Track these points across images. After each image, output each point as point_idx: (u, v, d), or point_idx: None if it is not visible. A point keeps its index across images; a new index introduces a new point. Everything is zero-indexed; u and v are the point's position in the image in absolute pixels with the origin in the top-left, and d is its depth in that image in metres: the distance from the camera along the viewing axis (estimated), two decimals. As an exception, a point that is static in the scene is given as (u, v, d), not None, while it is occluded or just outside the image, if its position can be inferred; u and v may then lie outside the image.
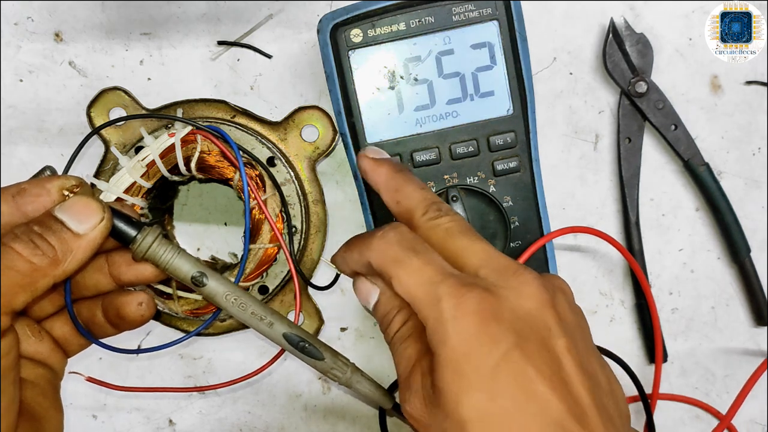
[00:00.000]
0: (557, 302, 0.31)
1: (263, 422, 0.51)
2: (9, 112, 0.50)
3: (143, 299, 0.35)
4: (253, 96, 0.49)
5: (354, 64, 0.44)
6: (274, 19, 0.49)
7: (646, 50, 0.48)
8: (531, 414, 0.28)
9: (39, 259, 0.29)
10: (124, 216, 0.33)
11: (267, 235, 0.45)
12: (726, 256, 0.50)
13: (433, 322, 0.30)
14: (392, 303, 0.33)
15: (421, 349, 0.32)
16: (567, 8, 0.49)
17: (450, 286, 0.30)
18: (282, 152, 0.47)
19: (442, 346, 0.29)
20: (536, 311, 0.30)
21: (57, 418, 0.33)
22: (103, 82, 0.49)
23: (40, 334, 0.34)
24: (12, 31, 0.49)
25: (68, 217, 0.31)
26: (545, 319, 0.30)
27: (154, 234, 0.33)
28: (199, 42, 0.49)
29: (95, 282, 0.35)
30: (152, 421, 0.51)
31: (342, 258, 0.36)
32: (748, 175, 0.50)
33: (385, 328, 0.34)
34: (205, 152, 0.45)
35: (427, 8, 0.44)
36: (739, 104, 0.50)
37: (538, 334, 0.30)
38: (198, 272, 0.34)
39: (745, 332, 0.50)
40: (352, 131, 0.45)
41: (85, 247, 0.31)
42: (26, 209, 0.31)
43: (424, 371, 0.31)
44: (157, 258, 0.33)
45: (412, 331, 0.33)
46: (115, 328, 0.36)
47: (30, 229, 0.30)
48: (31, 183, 0.32)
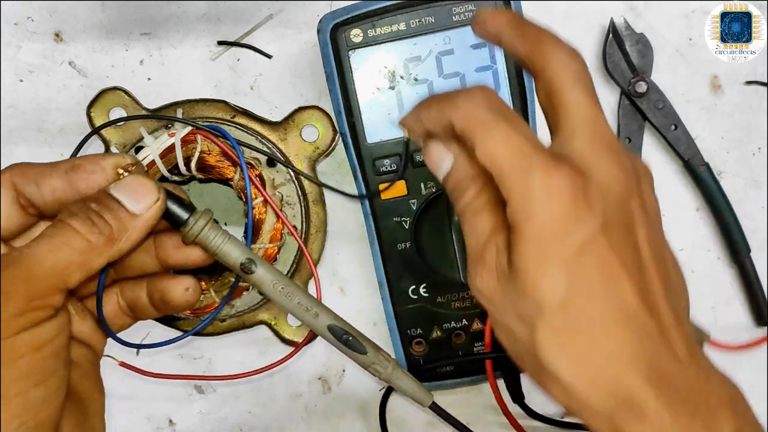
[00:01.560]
0: (643, 189, 0.30)
1: (263, 422, 0.51)
2: (9, 112, 0.50)
3: (190, 284, 0.35)
4: (253, 96, 0.49)
5: (354, 63, 0.44)
6: (274, 19, 0.49)
7: (646, 50, 0.48)
8: (608, 302, 0.28)
9: (96, 237, 0.29)
10: (177, 198, 0.32)
11: (267, 235, 0.45)
12: (726, 256, 0.50)
13: (519, 194, 0.28)
14: (467, 171, 0.32)
15: (496, 223, 0.30)
16: (567, 8, 0.49)
17: (542, 158, 0.28)
18: (282, 152, 0.47)
19: (526, 222, 0.28)
20: (624, 196, 0.29)
21: (99, 400, 0.33)
22: (103, 82, 0.49)
23: (83, 314, 0.33)
24: (12, 31, 0.49)
25: (125, 196, 0.30)
26: (631, 206, 0.29)
27: (207, 218, 0.33)
28: (199, 42, 0.49)
29: (141, 263, 0.35)
30: (152, 421, 0.51)
31: (416, 116, 0.33)
32: (748, 175, 0.50)
33: (456, 198, 0.32)
34: (205, 152, 0.45)
35: (427, 8, 0.44)
36: (739, 104, 0.50)
37: (622, 221, 0.29)
38: (247, 259, 0.33)
39: (745, 332, 0.50)
40: (352, 131, 0.45)
41: (141, 227, 0.30)
42: (79, 185, 0.31)
43: (500, 246, 0.30)
44: (207, 242, 0.33)
45: (487, 202, 0.31)
46: (158, 311, 0.35)
47: (87, 207, 0.29)
48: (85, 159, 0.31)
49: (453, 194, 0.33)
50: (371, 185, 0.46)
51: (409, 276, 0.47)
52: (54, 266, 0.28)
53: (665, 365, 0.28)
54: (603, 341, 0.28)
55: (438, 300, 0.47)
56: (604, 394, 0.28)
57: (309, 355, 0.51)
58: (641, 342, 0.28)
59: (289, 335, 0.49)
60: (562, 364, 0.28)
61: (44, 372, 0.28)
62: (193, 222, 0.32)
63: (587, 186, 0.28)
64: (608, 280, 0.28)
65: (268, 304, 0.49)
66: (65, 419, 0.29)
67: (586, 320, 0.28)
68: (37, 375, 0.27)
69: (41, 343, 0.28)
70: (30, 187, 0.30)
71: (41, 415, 0.28)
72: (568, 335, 0.28)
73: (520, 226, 0.28)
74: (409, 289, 0.47)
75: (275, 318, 0.49)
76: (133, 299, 0.35)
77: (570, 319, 0.28)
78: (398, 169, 0.45)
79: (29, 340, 0.27)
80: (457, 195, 0.33)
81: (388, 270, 0.47)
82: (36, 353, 0.27)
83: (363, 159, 0.45)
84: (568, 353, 0.28)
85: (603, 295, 0.28)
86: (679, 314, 0.30)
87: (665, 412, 0.27)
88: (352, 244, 0.50)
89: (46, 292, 0.28)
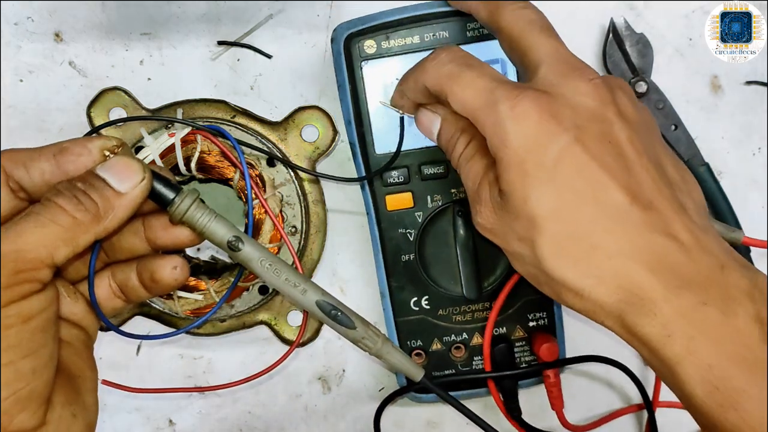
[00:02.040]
0: (617, 98, 0.32)
1: (263, 422, 0.51)
2: (9, 112, 0.50)
3: (178, 263, 0.35)
4: (253, 96, 0.49)
5: (366, 74, 0.44)
6: (274, 19, 0.49)
7: (646, 50, 0.48)
8: (597, 204, 0.29)
9: (81, 214, 0.30)
10: (163, 178, 0.33)
11: (267, 235, 0.45)
12: (726, 256, 0.50)
13: (491, 127, 0.31)
14: (454, 126, 0.35)
15: (486, 164, 0.33)
16: (567, 8, 0.49)
17: (505, 90, 0.31)
18: (282, 152, 0.47)
19: (503, 149, 0.30)
20: (595, 107, 0.31)
21: (92, 378, 0.34)
22: (103, 82, 0.49)
23: (75, 296, 0.34)
24: (12, 31, 0.49)
25: (110, 176, 0.31)
26: (605, 114, 0.31)
27: (192, 197, 0.33)
28: (199, 42, 0.49)
29: (130, 245, 0.35)
30: (152, 421, 0.51)
31: (400, 92, 0.37)
32: (748, 175, 0.50)
33: (450, 152, 0.36)
34: (205, 152, 0.45)
35: (442, 23, 0.44)
36: (739, 104, 0.50)
37: (598, 128, 0.30)
38: (234, 236, 0.34)
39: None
40: (361, 141, 0.45)
41: (126, 206, 0.31)
42: (67, 168, 0.31)
43: (491, 182, 0.32)
44: (194, 221, 0.33)
45: (476, 149, 0.34)
46: (149, 291, 0.36)
47: (73, 185, 0.30)
48: (72, 142, 0.32)
49: (447, 150, 0.36)
50: (378, 196, 0.46)
51: (412, 288, 0.47)
52: (40, 241, 0.29)
53: (669, 256, 0.29)
54: (600, 241, 0.29)
55: (439, 313, 0.47)
56: (611, 290, 0.29)
57: (309, 355, 0.51)
58: (639, 236, 0.29)
59: (289, 335, 0.49)
60: (567, 269, 0.30)
61: (33, 344, 0.29)
62: (179, 201, 0.33)
63: (553, 102, 0.30)
64: (592, 184, 0.29)
65: (268, 304, 0.49)
66: (57, 393, 0.30)
67: (580, 224, 0.29)
68: (26, 346, 0.28)
69: (29, 315, 0.29)
70: (19, 171, 0.31)
71: (31, 385, 0.28)
72: (565, 242, 0.29)
73: (499, 154, 0.31)
74: (410, 300, 0.47)
75: (275, 318, 0.49)
76: (124, 280, 0.36)
77: (564, 227, 0.29)
78: (406, 180, 0.45)
79: (17, 311, 0.28)
80: (450, 149, 0.36)
81: (391, 281, 0.47)
82: (24, 325, 0.28)
83: (371, 169, 0.46)
84: (569, 258, 0.29)
85: (591, 198, 0.29)
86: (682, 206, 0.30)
87: (674, 299, 0.28)
88: (352, 244, 0.50)
89: (33, 265, 0.29)
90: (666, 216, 0.29)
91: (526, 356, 0.47)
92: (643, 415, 0.50)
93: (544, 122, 0.30)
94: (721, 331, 0.28)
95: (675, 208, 0.30)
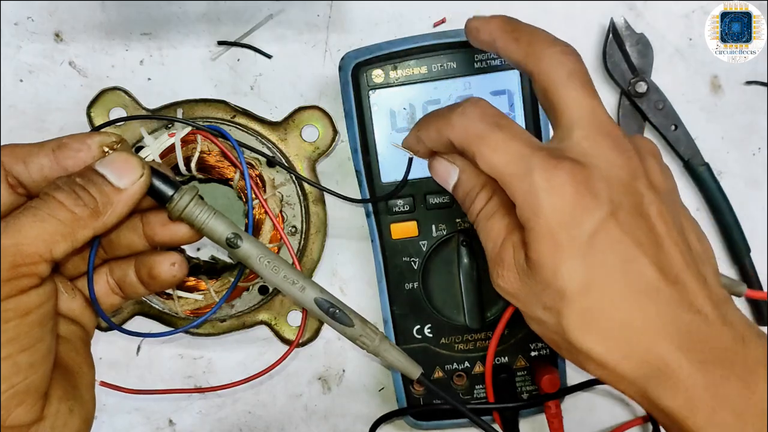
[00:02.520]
0: (648, 168, 0.31)
1: (263, 422, 0.51)
2: (9, 112, 0.50)
3: (176, 259, 0.35)
4: (253, 96, 0.49)
5: (374, 103, 0.45)
6: (274, 19, 0.49)
7: (646, 50, 0.48)
8: (627, 280, 0.29)
9: (80, 209, 0.30)
10: (162, 175, 0.33)
11: (267, 235, 0.45)
12: (726, 256, 0.50)
13: (524, 195, 0.30)
14: (474, 181, 0.33)
15: (509, 224, 0.32)
16: (567, 8, 0.49)
17: (541, 158, 0.30)
18: (282, 152, 0.47)
19: (535, 218, 0.29)
20: (628, 179, 0.30)
21: (89, 374, 0.34)
22: (103, 82, 0.49)
23: (73, 292, 0.34)
24: (12, 31, 0.49)
25: (109, 172, 0.31)
26: (637, 187, 0.30)
27: (191, 194, 0.33)
28: (199, 42, 0.49)
29: (129, 242, 0.35)
30: (152, 421, 0.51)
31: (416, 137, 0.35)
32: (748, 175, 0.50)
33: (468, 207, 0.34)
34: (205, 152, 0.45)
35: (450, 53, 0.44)
36: (739, 104, 0.50)
37: (631, 202, 0.30)
38: (232, 234, 0.34)
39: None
40: (367, 170, 0.45)
41: (125, 202, 0.31)
42: (66, 164, 0.31)
43: (516, 245, 0.31)
44: (192, 218, 0.33)
45: (498, 207, 0.33)
46: (147, 288, 0.36)
47: (72, 181, 0.30)
48: (72, 138, 0.32)
49: (464, 204, 0.34)
50: (383, 224, 0.46)
51: (415, 316, 0.47)
52: (39, 235, 0.29)
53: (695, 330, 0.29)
54: (629, 316, 0.29)
55: (442, 341, 0.47)
56: (637, 365, 0.29)
57: (309, 356, 0.51)
58: (667, 312, 0.29)
59: (289, 335, 0.49)
60: (594, 343, 0.29)
61: (30, 338, 0.29)
62: (178, 198, 0.33)
63: (589, 176, 0.29)
64: (625, 260, 0.29)
65: (268, 304, 0.49)
66: (54, 388, 0.30)
67: (609, 299, 0.29)
68: (24, 340, 0.28)
69: (27, 309, 0.29)
70: (18, 166, 0.31)
71: (29, 379, 0.29)
72: (594, 316, 0.29)
73: (531, 222, 0.30)
74: (413, 328, 0.47)
75: (275, 318, 0.49)
76: (122, 277, 0.36)
77: (593, 301, 0.29)
78: (412, 209, 0.46)
79: (15, 305, 0.28)
80: (468, 204, 0.34)
81: (394, 308, 0.47)
82: (22, 319, 0.28)
83: (377, 198, 0.46)
84: (597, 332, 0.29)
85: (622, 274, 0.29)
86: (705, 279, 0.30)
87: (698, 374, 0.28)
88: (352, 244, 0.50)
89: (31, 260, 0.29)
90: (691, 290, 0.29)
91: (527, 386, 0.47)
92: (648, 428, 0.50)
93: (579, 196, 0.29)
94: (744, 404, 0.28)
95: (699, 281, 0.30)
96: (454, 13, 0.49)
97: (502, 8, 0.49)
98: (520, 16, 0.45)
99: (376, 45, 0.45)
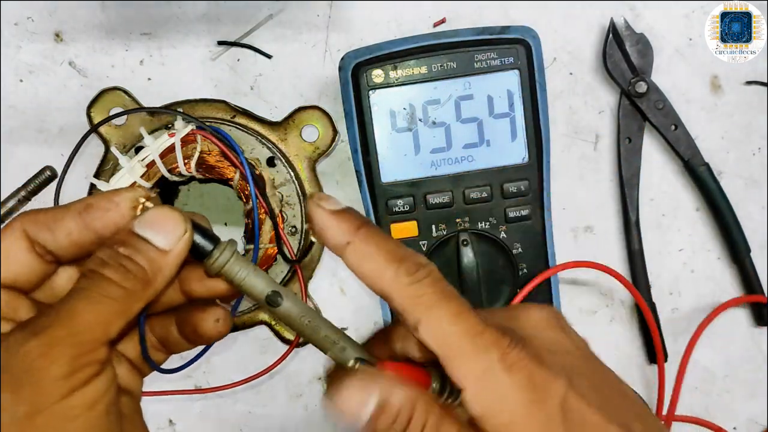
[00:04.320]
0: (563, 323, 0.31)
1: (263, 422, 0.51)
2: (9, 112, 0.50)
3: (220, 315, 0.33)
4: (253, 96, 0.49)
5: (374, 103, 0.45)
6: (274, 19, 0.49)
7: (646, 50, 0.48)
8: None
9: (131, 283, 0.28)
10: (201, 228, 0.30)
11: (267, 235, 0.45)
12: (726, 256, 0.50)
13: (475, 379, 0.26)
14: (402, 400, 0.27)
15: None
16: (567, 8, 0.49)
17: (493, 335, 0.27)
18: (282, 152, 0.47)
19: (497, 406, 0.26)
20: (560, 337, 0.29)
21: None
22: (103, 82, 0.49)
23: (117, 358, 0.32)
24: (12, 31, 0.49)
25: (151, 233, 0.29)
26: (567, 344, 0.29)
27: (231, 250, 0.31)
28: (199, 42, 0.49)
29: (166, 297, 0.33)
30: (152, 422, 0.51)
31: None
32: (748, 175, 0.50)
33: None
34: (205, 152, 0.45)
35: (450, 53, 0.44)
36: (739, 104, 0.50)
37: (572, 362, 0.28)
38: (273, 292, 0.31)
39: (745, 332, 0.50)
40: (367, 170, 0.45)
41: (173, 263, 0.29)
42: (95, 225, 0.29)
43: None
44: (231, 275, 0.31)
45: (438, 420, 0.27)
46: (191, 343, 0.34)
47: (116, 252, 0.28)
48: (97, 197, 0.30)
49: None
50: (383, 225, 0.46)
51: None
52: (95, 320, 0.27)
53: None
54: None
55: None
56: None
57: (309, 356, 0.51)
58: None
59: (289, 335, 0.49)
60: None
61: (100, 430, 0.27)
62: (217, 254, 0.30)
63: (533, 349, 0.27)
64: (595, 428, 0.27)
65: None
66: None
67: None
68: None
69: (93, 400, 0.27)
70: (44, 234, 0.29)
71: None
72: None
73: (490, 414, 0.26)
74: None
75: (275, 318, 0.49)
76: (164, 335, 0.34)
77: None
78: (411, 209, 0.46)
79: (81, 401, 0.26)
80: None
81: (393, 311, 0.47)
82: (90, 412, 0.26)
83: (376, 198, 0.46)
84: None
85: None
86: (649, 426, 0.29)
87: None
88: (352, 244, 0.50)
89: (90, 347, 0.26)
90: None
91: None
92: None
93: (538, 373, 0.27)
94: None
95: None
96: (454, 13, 0.49)
97: (502, 8, 0.49)
98: (520, 15, 0.46)
99: (376, 45, 0.45)
